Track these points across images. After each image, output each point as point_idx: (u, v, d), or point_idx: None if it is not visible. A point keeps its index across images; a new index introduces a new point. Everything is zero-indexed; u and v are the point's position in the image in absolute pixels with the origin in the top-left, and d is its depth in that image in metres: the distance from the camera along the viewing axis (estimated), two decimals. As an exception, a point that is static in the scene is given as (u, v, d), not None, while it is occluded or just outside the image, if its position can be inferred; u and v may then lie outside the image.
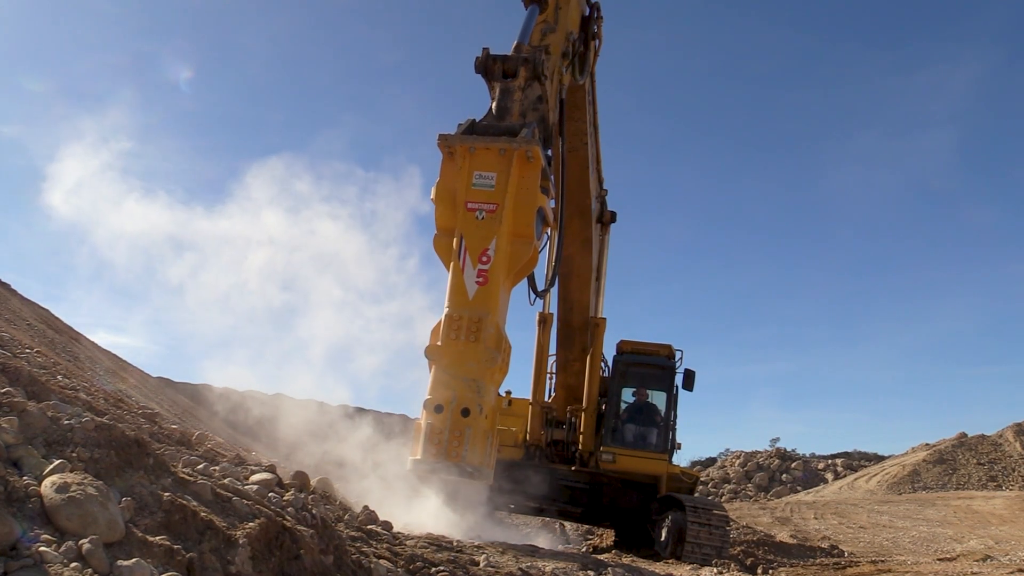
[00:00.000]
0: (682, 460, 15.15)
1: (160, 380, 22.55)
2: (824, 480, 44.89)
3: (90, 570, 2.16)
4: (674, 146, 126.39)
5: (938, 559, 12.80)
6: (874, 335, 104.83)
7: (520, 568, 5.27)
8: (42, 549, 2.15)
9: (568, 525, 16.51)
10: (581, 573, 6.11)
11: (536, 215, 5.86)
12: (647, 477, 11.63)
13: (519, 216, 5.75)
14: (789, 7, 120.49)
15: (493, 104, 6.29)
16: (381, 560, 3.91)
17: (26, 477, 2.47)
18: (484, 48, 6.34)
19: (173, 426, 7.56)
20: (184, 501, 2.82)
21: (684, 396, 12.10)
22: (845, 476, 43.96)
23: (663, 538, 10.53)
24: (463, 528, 7.86)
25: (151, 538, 2.48)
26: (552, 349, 12.75)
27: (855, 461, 48.02)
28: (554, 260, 8.27)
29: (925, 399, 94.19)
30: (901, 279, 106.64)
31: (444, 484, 6.76)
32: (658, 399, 12.36)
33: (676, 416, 12.15)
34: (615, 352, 12.55)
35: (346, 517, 4.68)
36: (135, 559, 2.30)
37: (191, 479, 3.17)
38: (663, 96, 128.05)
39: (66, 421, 2.97)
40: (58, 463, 2.57)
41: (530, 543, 8.63)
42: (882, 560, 12.29)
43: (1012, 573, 9.46)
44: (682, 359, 12.17)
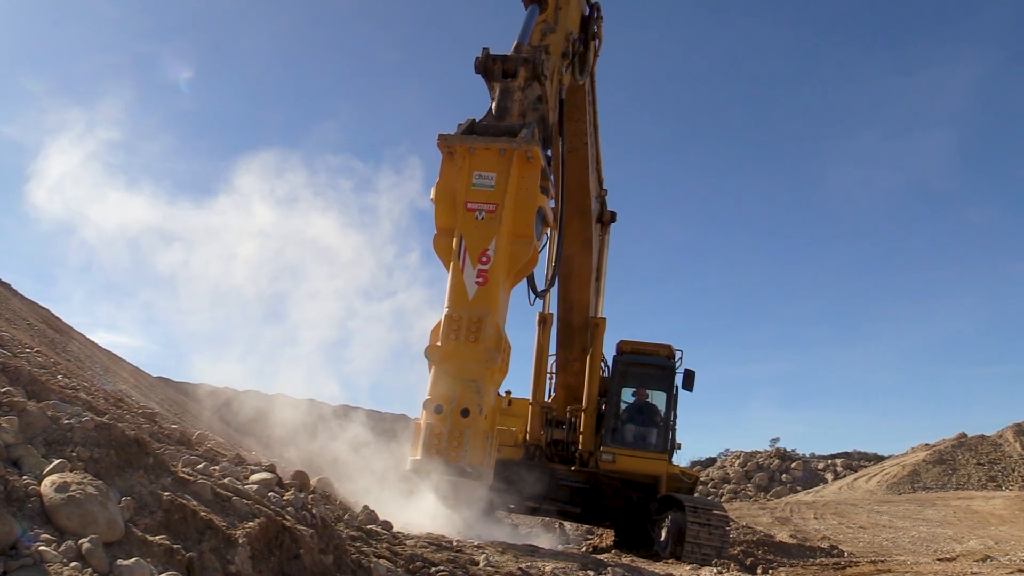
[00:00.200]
0: (682, 460, 15.20)
1: (159, 380, 22.56)
2: (824, 480, 44.90)
3: (90, 569, 2.16)
4: (674, 146, 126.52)
5: (938, 559, 12.79)
6: (874, 335, 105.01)
7: (520, 568, 5.27)
8: (42, 548, 2.15)
9: (568, 525, 16.51)
10: (581, 573, 6.10)
11: (536, 215, 5.86)
12: (647, 477, 11.63)
13: (519, 216, 5.75)
14: (789, 7, 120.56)
15: (493, 104, 6.28)
16: (381, 560, 3.91)
17: (26, 477, 2.47)
18: (484, 48, 6.34)
19: (173, 426, 7.56)
20: (184, 501, 2.82)
21: (684, 396, 12.15)
22: (845, 476, 43.98)
23: (663, 538, 10.53)
24: (463, 528, 7.86)
25: (151, 538, 2.48)
26: (552, 349, 12.76)
27: (855, 461, 48.04)
28: (554, 260, 8.27)
29: (925, 399, 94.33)
30: (901, 279, 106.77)
31: (443, 484, 6.76)
32: (658, 399, 12.37)
33: (676, 416, 12.18)
34: (615, 352, 12.57)
35: (346, 517, 4.68)
36: (135, 559, 2.29)
37: (191, 479, 3.17)
38: (663, 96, 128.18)
39: (66, 421, 2.97)
40: (58, 463, 2.57)
41: (530, 543, 8.62)
42: (882, 560, 12.28)
43: (1012, 573, 9.46)
44: (682, 359, 12.21)
